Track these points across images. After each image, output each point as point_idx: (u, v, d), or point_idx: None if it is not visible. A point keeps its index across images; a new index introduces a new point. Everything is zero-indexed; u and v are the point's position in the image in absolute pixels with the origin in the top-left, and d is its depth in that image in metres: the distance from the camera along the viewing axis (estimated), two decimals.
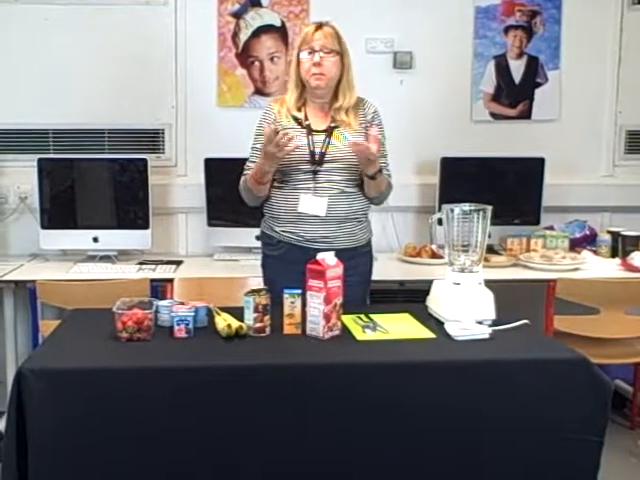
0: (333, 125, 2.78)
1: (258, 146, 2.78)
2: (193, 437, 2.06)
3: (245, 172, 2.84)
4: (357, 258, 2.80)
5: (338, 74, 2.75)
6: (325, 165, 2.75)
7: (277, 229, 2.82)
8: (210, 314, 2.41)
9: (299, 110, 2.80)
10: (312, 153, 2.74)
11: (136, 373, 2.08)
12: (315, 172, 2.74)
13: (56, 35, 3.83)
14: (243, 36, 3.94)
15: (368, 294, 2.92)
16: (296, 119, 2.79)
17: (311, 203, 2.74)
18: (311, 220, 2.76)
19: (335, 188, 2.76)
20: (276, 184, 2.82)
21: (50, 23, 3.82)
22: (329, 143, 2.75)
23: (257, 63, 3.96)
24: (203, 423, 2.06)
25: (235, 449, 2.08)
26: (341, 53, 2.75)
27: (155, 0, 3.87)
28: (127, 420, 2.04)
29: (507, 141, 4.03)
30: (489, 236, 2.56)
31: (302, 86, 2.78)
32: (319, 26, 2.74)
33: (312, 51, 2.71)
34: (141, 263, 3.66)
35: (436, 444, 2.12)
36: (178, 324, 2.30)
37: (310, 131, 2.77)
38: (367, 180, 2.75)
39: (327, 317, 2.28)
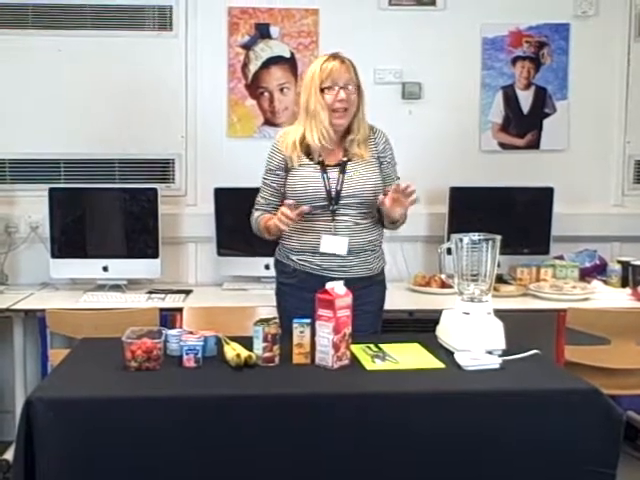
0: (346, 159, 2.77)
1: (268, 182, 2.81)
2: (202, 466, 2.05)
3: (257, 207, 2.85)
4: (370, 287, 2.80)
5: (356, 109, 2.74)
6: (341, 202, 2.74)
7: (293, 257, 2.81)
8: (219, 343, 2.41)
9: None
10: (328, 192, 2.73)
11: (145, 403, 2.08)
12: (333, 211, 2.74)
13: (68, 66, 3.88)
14: (253, 67, 3.98)
15: (380, 323, 2.91)
16: (308, 154, 2.77)
17: (332, 243, 2.72)
18: (329, 252, 2.75)
19: (351, 222, 2.75)
20: None
21: (62, 54, 3.87)
22: (343, 180, 2.74)
23: (267, 94, 3.99)
24: (212, 452, 2.05)
25: (243, 478, 2.06)
26: (360, 87, 2.74)
27: (166, 32, 3.92)
28: (136, 450, 2.03)
29: (516, 171, 4.04)
30: (498, 265, 2.56)
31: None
32: (342, 60, 2.71)
33: (336, 86, 2.68)
34: (150, 292, 3.66)
35: (445, 475, 2.10)
36: (187, 353, 2.30)
37: (324, 168, 2.75)
38: (390, 224, 2.79)
39: (336, 347, 2.28)
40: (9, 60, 3.86)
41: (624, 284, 3.78)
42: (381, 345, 2.49)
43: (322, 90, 2.70)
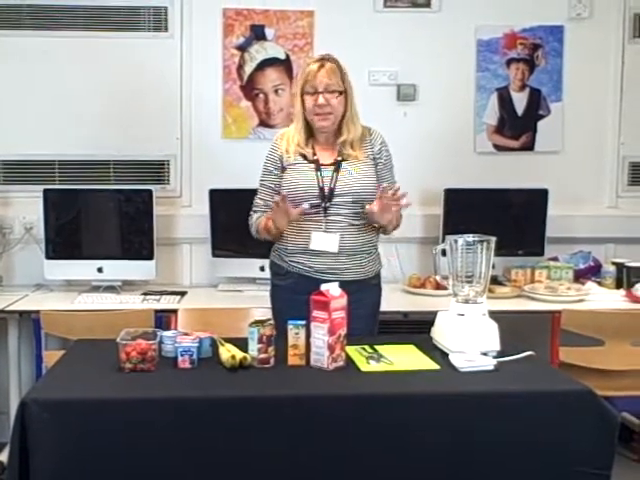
0: (340, 159, 2.78)
1: (266, 183, 2.83)
2: (197, 467, 2.04)
3: (255, 210, 2.86)
4: (364, 291, 2.78)
5: (343, 111, 2.75)
6: (334, 200, 2.74)
7: (286, 259, 2.81)
8: (214, 345, 2.41)
9: (307, 144, 2.79)
10: (321, 189, 2.74)
11: (140, 404, 2.07)
12: (325, 209, 2.74)
13: (62, 67, 3.88)
14: (248, 69, 3.98)
15: (376, 327, 2.89)
16: (303, 156, 2.78)
17: (323, 240, 2.72)
18: (321, 252, 2.75)
19: (344, 222, 2.75)
20: None
21: (57, 55, 3.87)
22: (337, 178, 2.75)
23: (262, 95, 3.99)
24: (207, 453, 2.05)
25: None
26: (345, 90, 2.74)
27: (161, 33, 3.92)
28: (131, 451, 2.03)
29: (510, 172, 4.04)
30: (493, 267, 2.56)
31: (307, 122, 2.77)
32: (322, 64, 2.72)
33: (316, 92, 2.70)
34: (145, 294, 3.66)
35: (440, 476, 2.10)
36: (182, 355, 2.30)
37: (318, 166, 2.76)
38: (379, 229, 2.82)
39: (331, 348, 2.28)
40: (2, 61, 3.85)
41: (618, 285, 3.79)
42: (376, 346, 2.49)
43: (305, 94, 2.72)
